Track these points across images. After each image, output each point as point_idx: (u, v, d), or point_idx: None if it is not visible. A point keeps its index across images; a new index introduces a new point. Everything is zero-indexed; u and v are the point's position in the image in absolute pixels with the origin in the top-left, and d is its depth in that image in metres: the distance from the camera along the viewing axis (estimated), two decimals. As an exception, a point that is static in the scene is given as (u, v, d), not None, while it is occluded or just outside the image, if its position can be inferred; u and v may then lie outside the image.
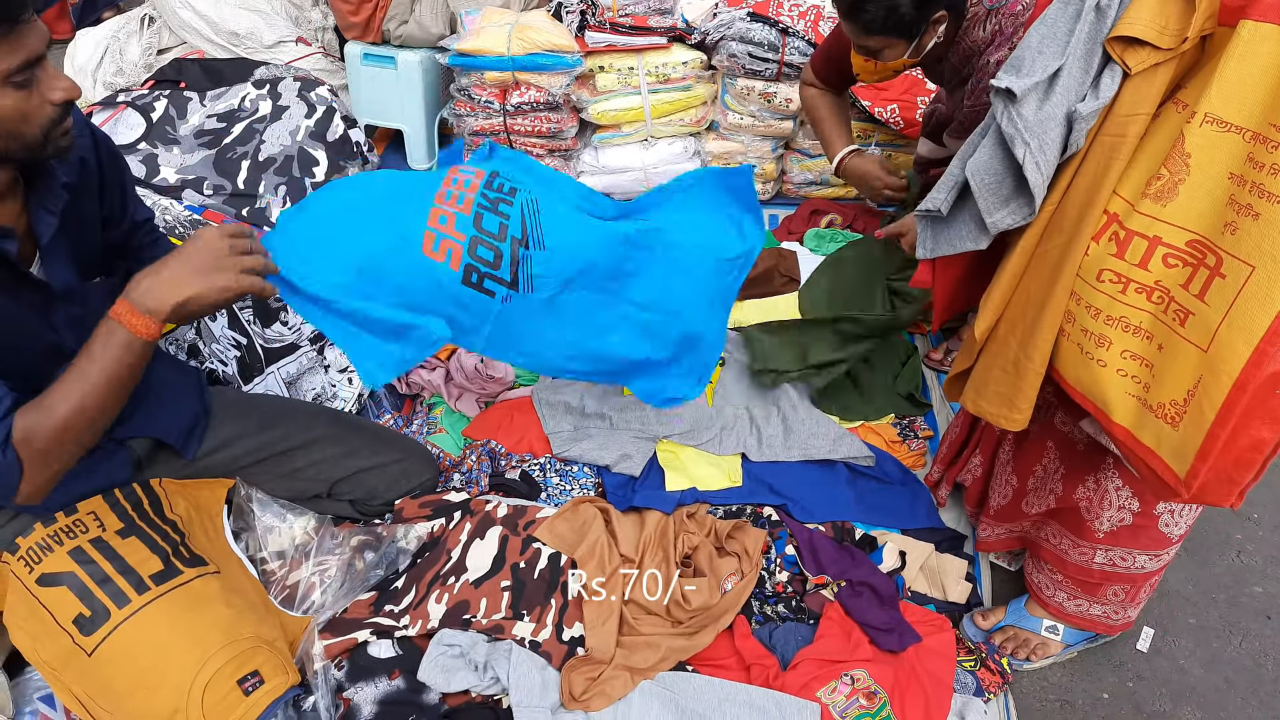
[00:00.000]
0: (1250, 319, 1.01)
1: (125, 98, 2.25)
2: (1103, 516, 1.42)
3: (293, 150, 2.17)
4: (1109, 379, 1.20)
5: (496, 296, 1.35)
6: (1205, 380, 1.07)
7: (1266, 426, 1.04)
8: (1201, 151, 1.06)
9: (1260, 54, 0.99)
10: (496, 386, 2.06)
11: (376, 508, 1.66)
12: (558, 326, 1.44)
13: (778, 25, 2.60)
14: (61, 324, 1.24)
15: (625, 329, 1.51)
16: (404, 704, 1.41)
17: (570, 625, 1.51)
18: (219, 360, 1.81)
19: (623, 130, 2.82)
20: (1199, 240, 1.08)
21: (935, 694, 1.47)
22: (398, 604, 1.52)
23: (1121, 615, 1.54)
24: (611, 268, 1.46)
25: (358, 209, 1.33)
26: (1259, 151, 1.00)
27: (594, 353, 1.51)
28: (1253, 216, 1.01)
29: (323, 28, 3.14)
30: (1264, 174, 1.00)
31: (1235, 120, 1.02)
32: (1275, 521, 1.96)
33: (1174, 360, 1.11)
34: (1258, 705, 1.60)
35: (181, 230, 1.88)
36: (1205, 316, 1.07)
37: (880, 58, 1.71)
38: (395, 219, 1.32)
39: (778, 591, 1.61)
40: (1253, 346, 1.01)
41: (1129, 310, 1.16)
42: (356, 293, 1.27)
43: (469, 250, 1.31)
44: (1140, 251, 1.13)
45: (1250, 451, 1.06)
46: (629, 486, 1.80)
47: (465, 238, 1.31)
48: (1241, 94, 1.01)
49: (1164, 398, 1.13)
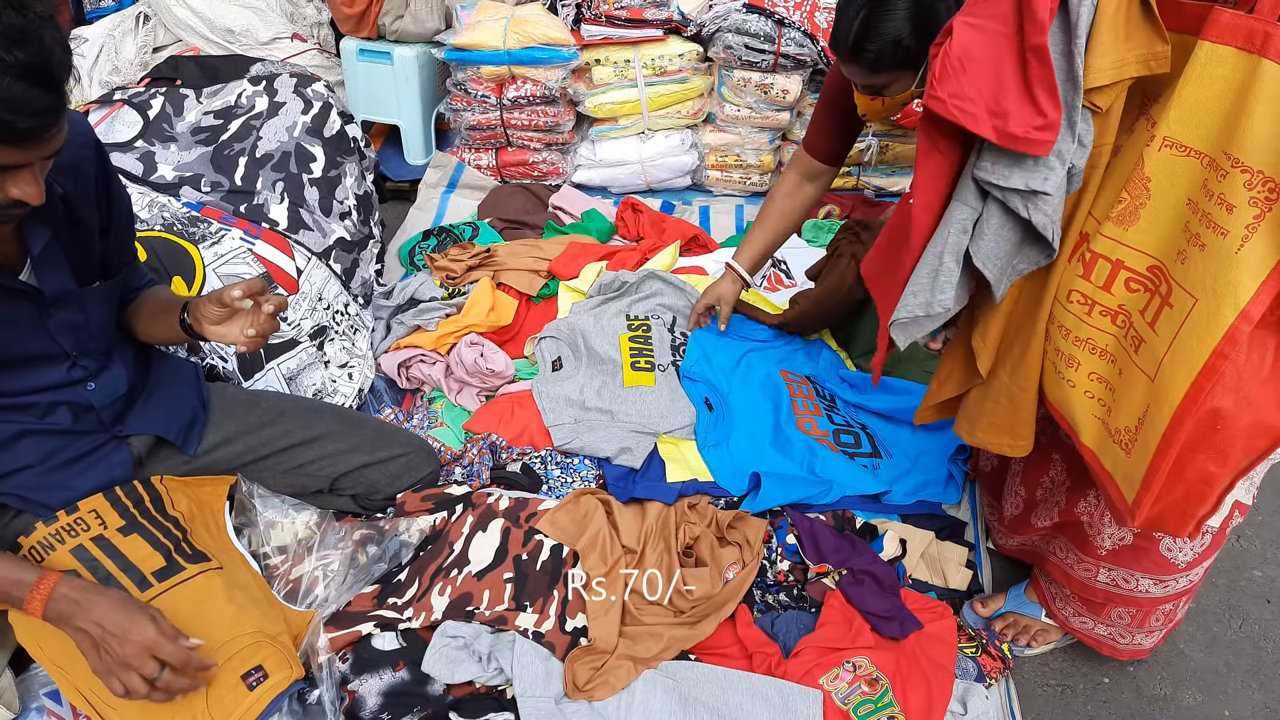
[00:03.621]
0: (1190, 352, 0.99)
1: (121, 95, 2.25)
2: (1104, 533, 1.38)
3: (290, 146, 2.16)
4: (1077, 399, 1.19)
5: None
6: (1151, 410, 1.05)
7: (1213, 461, 1.02)
8: (1161, 175, 1.02)
9: (1216, 77, 0.95)
10: (497, 380, 2.06)
11: (378, 502, 1.66)
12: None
13: (773, 16, 2.59)
14: (56, 329, 1.24)
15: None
16: (409, 695, 1.41)
17: (573, 616, 1.52)
18: (219, 356, 1.81)
19: (619, 123, 2.82)
20: (1158, 266, 1.05)
21: (937, 680, 1.48)
22: (401, 597, 1.53)
23: (1129, 641, 1.50)
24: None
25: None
26: (1211, 179, 0.96)
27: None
28: (1199, 247, 0.98)
29: (318, 23, 3.14)
30: (1213, 203, 0.96)
31: (1193, 144, 0.99)
32: (1274, 506, 1.96)
33: (1130, 387, 1.09)
34: (1257, 688, 1.61)
35: (180, 228, 1.88)
36: (1154, 345, 1.04)
37: (887, 93, 1.68)
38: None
39: (779, 580, 1.62)
40: (1190, 380, 0.99)
41: (1095, 332, 1.14)
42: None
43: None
44: (1105, 274, 1.11)
45: (1200, 485, 1.04)
46: (630, 478, 1.80)
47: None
48: (1198, 118, 0.97)
49: (1120, 424, 1.12)
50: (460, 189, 2.91)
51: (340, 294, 2.12)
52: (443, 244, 2.52)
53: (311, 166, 2.18)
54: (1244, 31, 0.91)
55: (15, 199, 1.00)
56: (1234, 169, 0.93)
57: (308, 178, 2.17)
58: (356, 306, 2.19)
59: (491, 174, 2.93)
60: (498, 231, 2.63)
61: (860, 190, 2.90)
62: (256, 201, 2.07)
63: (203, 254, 1.84)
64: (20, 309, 1.20)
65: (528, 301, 2.34)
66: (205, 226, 1.91)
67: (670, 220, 2.65)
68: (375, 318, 2.28)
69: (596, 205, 2.73)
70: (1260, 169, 0.91)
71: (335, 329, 2.05)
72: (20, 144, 0.94)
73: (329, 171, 2.22)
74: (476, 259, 2.37)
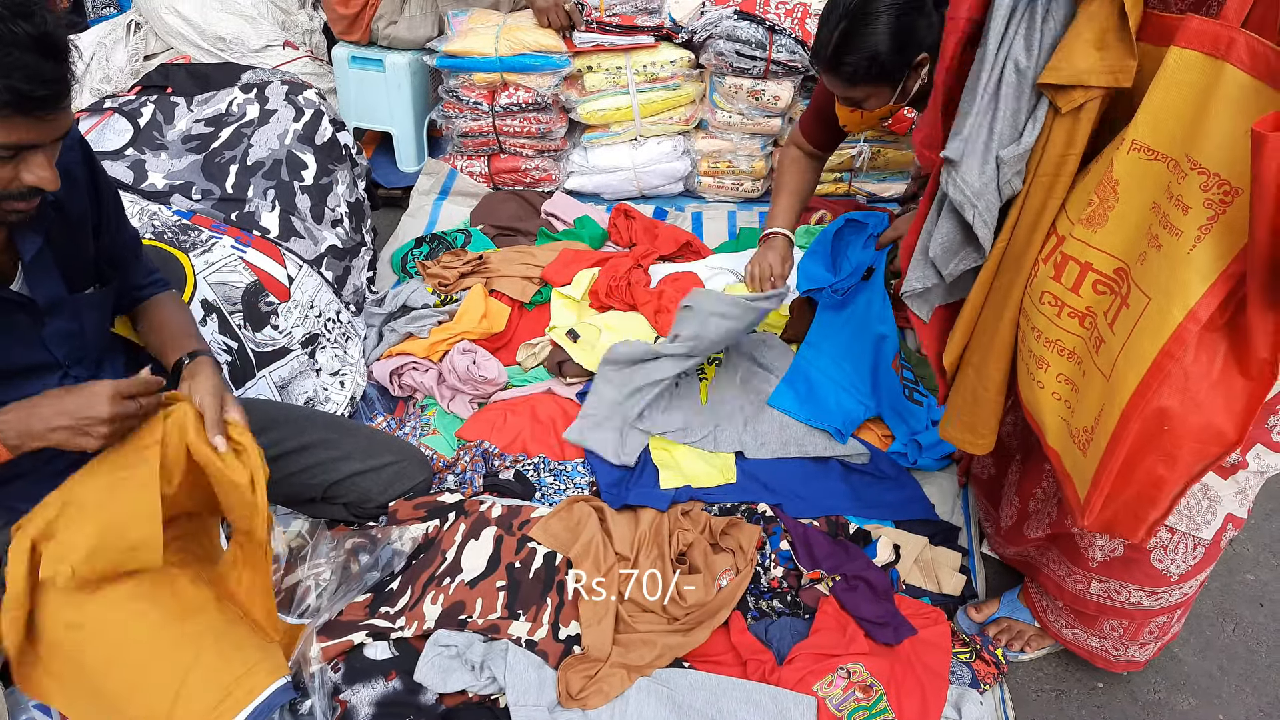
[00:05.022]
0: (1141, 351, 0.99)
1: (112, 104, 2.24)
2: (1095, 544, 1.38)
3: (281, 154, 2.16)
4: (1045, 400, 1.19)
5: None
6: (1105, 409, 1.05)
7: (1162, 464, 1.02)
8: (1129, 178, 1.03)
9: (1184, 82, 0.95)
10: (489, 387, 2.06)
11: (371, 510, 1.66)
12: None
13: (765, 23, 2.60)
14: (51, 339, 1.23)
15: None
16: (401, 705, 1.41)
17: (566, 624, 1.51)
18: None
19: (612, 130, 2.82)
20: (1123, 268, 1.06)
21: (931, 686, 1.48)
22: (393, 605, 1.52)
23: (1122, 653, 1.50)
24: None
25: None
26: (1174, 182, 0.97)
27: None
28: (1156, 248, 0.98)
29: (310, 31, 3.14)
30: (1172, 204, 0.96)
31: (1159, 148, 0.99)
32: (1267, 510, 1.97)
33: (1089, 387, 1.10)
34: (1251, 692, 1.61)
35: (170, 236, 1.87)
36: (1111, 345, 1.05)
37: (866, 106, 1.69)
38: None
39: (773, 587, 1.62)
40: (1139, 378, 0.99)
41: (1063, 334, 1.14)
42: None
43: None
44: (1074, 276, 1.11)
45: (1151, 488, 1.04)
46: (623, 485, 1.80)
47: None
48: (1165, 121, 0.98)
49: (1079, 423, 1.12)
50: (452, 196, 2.91)
51: (332, 301, 2.12)
52: (435, 251, 2.51)
53: (303, 174, 2.18)
54: (1210, 36, 0.92)
55: (30, 185, 1.02)
56: (1192, 170, 0.94)
57: (299, 185, 2.16)
58: (348, 314, 2.19)
59: (484, 181, 2.93)
60: (490, 238, 2.63)
61: (852, 196, 2.90)
62: (248, 209, 2.06)
63: (194, 262, 1.84)
64: (14, 319, 1.19)
65: (520, 308, 2.34)
66: (196, 234, 1.91)
67: (663, 226, 2.65)
68: (367, 325, 2.27)
69: (589, 212, 2.73)
70: (1216, 171, 0.92)
71: (327, 337, 2.04)
72: (35, 113, 0.96)
73: (320, 179, 2.21)
74: (469, 266, 2.37)
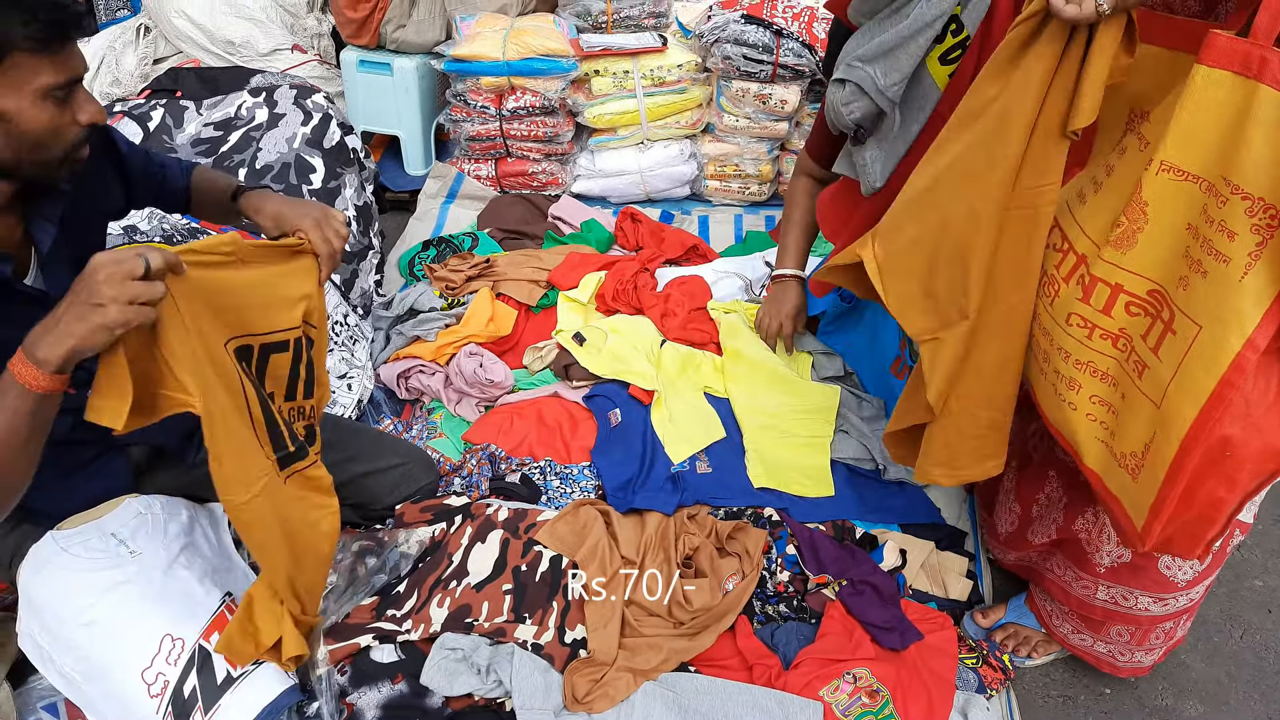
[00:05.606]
0: (1195, 381, 0.98)
1: (122, 107, 2.26)
2: (1102, 550, 1.37)
3: (289, 158, 2.17)
4: (1079, 422, 1.18)
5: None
6: (1158, 437, 1.04)
7: (1222, 487, 1.02)
8: (1159, 200, 1.01)
9: (1212, 101, 0.93)
10: (496, 390, 2.06)
11: (377, 513, 1.66)
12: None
13: (772, 27, 2.61)
14: None
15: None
16: (407, 708, 1.41)
17: (572, 628, 1.51)
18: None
19: (619, 133, 2.83)
20: (1158, 290, 1.04)
21: (938, 691, 1.47)
22: (400, 609, 1.52)
23: (1129, 658, 1.49)
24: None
25: None
26: (1211, 205, 0.95)
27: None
28: (1201, 274, 0.97)
29: (318, 35, 3.15)
30: (1214, 230, 0.95)
31: (1191, 169, 0.97)
32: (1275, 515, 1.96)
33: (1134, 412, 1.09)
34: (1259, 699, 1.60)
35: (179, 239, 1.88)
36: (1158, 372, 1.04)
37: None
38: None
39: (779, 591, 1.62)
40: (1198, 409, 0.98)
41: (1095, 355, 1.13)
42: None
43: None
44: (1104, 298, 1.10)
45: (1210, 509, 1.04)
46: (629, 488, 1.80)
47: None
48: (1196, 142, 0.96)
49: (1125, 448, 1.11)
50: (460, 199, 2.92)
51: (339, 304, 2.12)
52: (442, 254, 2.52)
53: (311, 177, 2.19)
54: (1240, 56, 0.91)
55: (87, 124, 1.06)
56: (1234, 195, 0.92)
57: (307, 189, 2.17)
58: (356, 317, 2.19)
59: (491, 184, 2.93)
60: (497, 242, 2.64)
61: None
62: (256, 212, 2.07)
63: (202, 265, 1.84)
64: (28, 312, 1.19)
65: (527, 312, 2.34)
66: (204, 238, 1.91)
67: (669, 230, 2.66)
68: (374, 328, 2.28)
69: (596, 215, 2.73)
70: (1260, 196, 0.91)
71: (334, 339, 2.05)
72: (64, 35, 0.99)
73: (329, 182, 2.22)
74: (476, 269, 2.38)
